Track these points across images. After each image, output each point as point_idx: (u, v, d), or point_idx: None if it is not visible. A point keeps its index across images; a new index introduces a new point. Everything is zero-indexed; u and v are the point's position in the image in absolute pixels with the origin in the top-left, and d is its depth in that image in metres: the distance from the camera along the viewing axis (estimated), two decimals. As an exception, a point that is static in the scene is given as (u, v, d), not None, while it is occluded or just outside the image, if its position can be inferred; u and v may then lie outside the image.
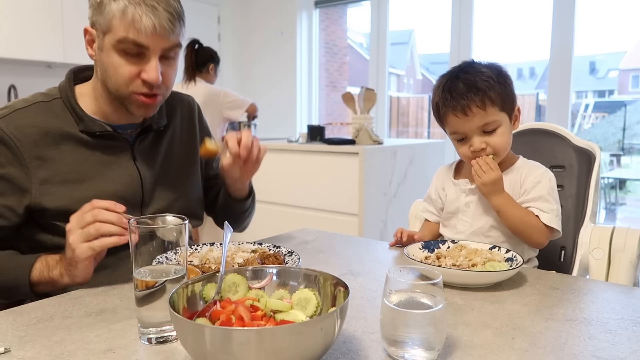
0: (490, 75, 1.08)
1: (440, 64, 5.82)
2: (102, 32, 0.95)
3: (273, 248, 1.02)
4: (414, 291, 0.64)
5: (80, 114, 1.01)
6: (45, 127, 0.99)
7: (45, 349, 0.66)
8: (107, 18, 0.93)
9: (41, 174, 0.96)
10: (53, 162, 0.98)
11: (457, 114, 1.08)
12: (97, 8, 0.95)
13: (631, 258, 1.15)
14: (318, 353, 0.57)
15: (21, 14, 3.15)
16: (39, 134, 0.97)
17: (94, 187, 1.00)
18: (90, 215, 0.83)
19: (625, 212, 5.10)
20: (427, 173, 2.92)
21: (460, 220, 1.17)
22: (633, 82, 6.46)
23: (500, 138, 1.10)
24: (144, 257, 0.68)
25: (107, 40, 0.95)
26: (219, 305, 0.64)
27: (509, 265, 0.94)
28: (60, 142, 0.99)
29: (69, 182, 0.99)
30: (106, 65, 0.98)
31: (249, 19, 4.50)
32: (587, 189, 1.29)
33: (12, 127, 0.96)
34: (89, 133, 1.01)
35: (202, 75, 3.14)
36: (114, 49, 0.95)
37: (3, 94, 3.35)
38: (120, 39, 0.93)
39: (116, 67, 0.96)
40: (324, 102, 4.59)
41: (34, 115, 0.99)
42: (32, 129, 0.97)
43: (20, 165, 0.95)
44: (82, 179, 1.00)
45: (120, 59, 0.96)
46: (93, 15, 0.97)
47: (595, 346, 0.67)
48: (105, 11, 0.93)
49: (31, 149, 0.96)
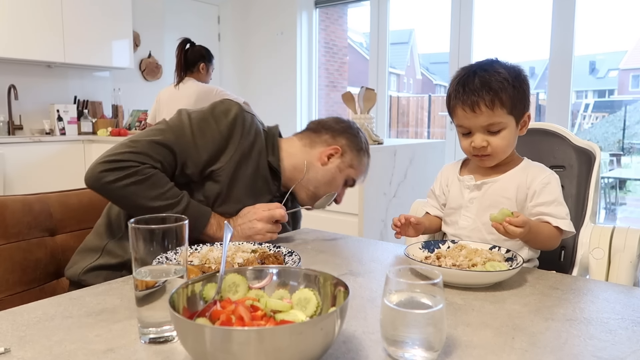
0: (506, 77, 1.07)
1: (440, 64, 5.82)
2: (349, 165, 1.32)
3: (273, 248, 1.02)
4: (414, 291, 0.64)
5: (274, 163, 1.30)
6: (253, 139, 1.26)
7: (45, 349, 0.66)
8: (360, 163, 1.34)
9: (230, 163, 1.21)
10: (239, 164, 1.23)
11: (466, 108, 1.08)
12: (355, 149, 1.33)
13: (631, 258, 1.15)
14: (318, 353, 0.57)
15: (21, 14, 3.15)
16: (251, 136, 1.25)
17: (247, 195, 1.25)
18: (280, 216, 1.18)
19: (625, 212, 5.09)
20: (427, 173, 2.92)
21: (463, 216, 1.17)
22: (633, 82, 6.45)
23: (502, 141, 1.10)
24: (144, 257, 0.68)
25: (348, 171, 1.32)
26: (219, 305, 0.64)
27: (509, 265, 0.94)
28: (248, 156, 1.24)
29: (236, 180, 1.23)
30: (334, 180, 1.31)
31: (249, 19, 4.50)
32: (587, 189, 1.29)
33: (248, 122, 1.24)
34: (268, 168, 1.30)
35: (193, 75, 3.12)
36: (345, 177, 1.33)
37: (3, 94, 3.35)
38: (354, 178, 1.35)
39: (337, 186, 1.33)
40: (324, 102, 4.59)
41: (256, 124, 1.28)
42: (251, 131, 1.25)
43: (226, 143, 1.20)
44: (243, 187, 1.25)
45: (341, 182, 1.34)
46: (349, 147, 1.32)
47: (595, 346, 0.67)
48: (358, 159, 1.33)
49: (239, 143, 1.22)
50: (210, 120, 1.20)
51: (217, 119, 1.21)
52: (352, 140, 1.32)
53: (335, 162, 1.30)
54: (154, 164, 1.12)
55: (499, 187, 1.13)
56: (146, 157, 1.11)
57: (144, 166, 1.10)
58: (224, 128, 1.20)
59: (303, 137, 1.35)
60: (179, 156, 1.16)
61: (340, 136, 1.32)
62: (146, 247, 0.68)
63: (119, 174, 1.08)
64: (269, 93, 4.38)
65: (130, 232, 0.68)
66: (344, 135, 1.32)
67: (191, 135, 1.17)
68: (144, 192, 1.10)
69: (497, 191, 1.13)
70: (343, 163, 1.31)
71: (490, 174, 1.15)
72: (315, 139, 1.33)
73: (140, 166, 1.10)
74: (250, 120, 1.25)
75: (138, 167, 1.09)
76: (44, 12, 3.24)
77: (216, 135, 1.19)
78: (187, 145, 1.17)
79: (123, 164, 1.08)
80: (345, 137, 1.32)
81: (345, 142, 1.31)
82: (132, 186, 1.08)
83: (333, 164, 1.30)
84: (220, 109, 1.23)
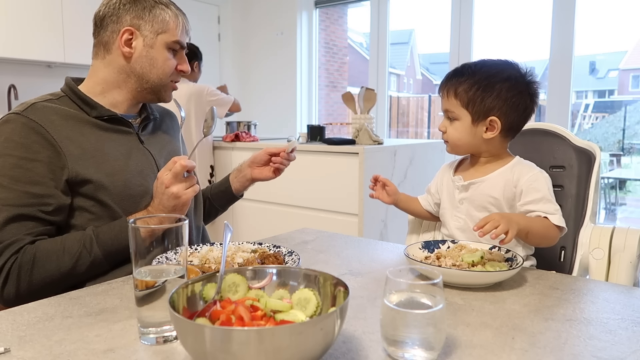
0: (476, 76, 1.12)
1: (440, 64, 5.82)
2: (155, 32, 1.13)
3: (273, 248, 1.02)
4: (414, 291, 0.64)
5: (91, 103, 1.12)
6: (63, 114, 1.08)
7: (45, 349, 0.66)
8: (163, 21, 1.14)
9: (72, 150, 1.04)
10: (79, 141, 1.06)
11: (439, 90, 1.20)
12: (147, 12, 1.13)
13: (631, 258, 1.15)
14: (318, 353, 0.57)
15: (21, 14, 3.15)
16: (60, 119, 1.07)
17: (119, 163, 1.10)
18: (181, 167, 1.00)
19: (625, 212, 5.09)
20: (427, 173, 2.92)
21: (454, 216, 1.18)
22: (633, 82, 6.45)
23: (454, 131, 1.15)
24: (144, 257, 0.68)
25: (161, 39, 1.14)
26: (219, 305, 0.64)
27: (509, 265, 0.94)
28: (80, 126, 1.09)
29: (96, 158, 1.07)
30: (155, 60, 1.14)
31: (249, 19, 4.50)
32: (587, 189, 1.29)
33: (36, 116, 1.04)
34: (101, 118, 1.12)
35: (186, 75, 3.06)
36: (166, 46, 1.15)
37: (3, 94, 3.35)
38: (175, 39, 1.15)
39: (165, 61, 1.15)
40: (324, 102, 4.59)
41: (50, 107, 1.09)
42: (54, 116, 1.06)
43: (52, 147, 1.02)
44: (107, 156, 1.09)
45: (169, 54, 1.16)
46: (138, 17, 1.12)
47: (595, 346, 0.67)
48: (161, 16, 1.14)
49: (59, 131, 1.04)
50: (9, 159, 1.00)
51: (12, 150, 1.00)
52: (135, 8, 1.12)
53: (139, 42, 1.12)
54: (19, 245, 0.97)
55: (486, 186, 1.13)
56: (8, 246, 0.96)
57: (15, 255, 0.96)
58: (25, 151, 1.00)
59: (94, 53, 1.17)
60: (34, 210, 0.99)
61: (121, 16, 1.12)
62: (146, 247, 0.68)
63: (11, 282, 0.96)
64: (269, 93, 4.38)
65: (130, 232, 0.68)
66: (123, 11, 1.12)
67: (18, 187, 0.98)
68: (44, 271, 0.97)
69: (484, 190, 1.13)
70: (147, 37, 1.12)
71: (478, 173, 1.16)
72: (103, 41, 1.14)
73: (14, 257, 0.96)
74: (25, 120, 1.03)
75: (15, 259, 0.96)
76: (44, 12, 3.24)
77: (31, 164, 1.00)
78: (25, 197, 0.99)
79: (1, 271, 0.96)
80: (125, 12, 1.12)
81: (129, 15, 1.12)
82: (31, 277, 0.97)
83: (139, 46, 1.12)
84: (4, 137, 1.02)
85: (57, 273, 0.98)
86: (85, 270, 1.00)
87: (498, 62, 1.15)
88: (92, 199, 1.05)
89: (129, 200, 1.08)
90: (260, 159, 1.38)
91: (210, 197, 1.46)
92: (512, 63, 1.14)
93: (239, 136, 3.24)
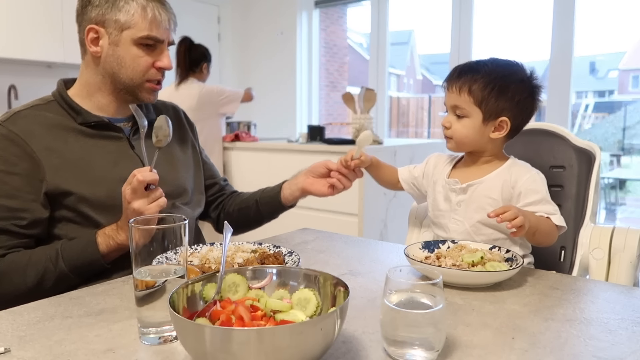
0: (492, 75, 1.09)
1: (440, 64, 5.82)
2: (120, 29, 1.05)
3: (273, 248, 1.02)
4: (414, 291, 0.64)
5: (77, 108, 1.09)
6: (47, 123, 1.05)
7: (45, 349, 0.66)
8: (127, 15, 1.04)
9: (52, 161, 1.02)
10: (61, 151, 1.03)
11: (446, 84, 1.16)
12: (109, 6, 1.04)
13: (631, 258, 1.15)
14: (318, 353, 0.57)
15: (21, 14, 3.15)
16: (42, 129, 1.04)
17: (103, 172, 1.06)
18: (137, 182, 0.92)
19: (625, 212, 5.09)
20: (427, 173, 2.92)
21: (453, 219, 1.17)
22: (633, 82, 6.45)
23: (462, 128, 1.13)
24: (144, 257, 0.68)
25: (126, 35, 1.05)
26: (219, 305, 0.64)
27: (509, 265, 0.94)
28: (64, 134, 1.06)
29: (78, 168, 1.04)
30: (122, 59, 1.06)
31: (249, 19, 4.50)
32: (587, 189, 1.29)
33: (16, 127, 1.02)
34: (87, 125, 1.08)
35: (196, 75, 3.03)
36: (134, 43, 1.06)
37: (3, 94, 3.35)
38: (143, 34, 1.05)
39: (134, 58, 1.07)
40: (324, 102, 4.59)
41: (34, 115, 1.06)
42: (35, 126, 1.04)
43: (30, 159, 1.00)
44: (91, 165, 1.06)
45: (139, 51, 1.06)
46: (102, 14, 1.04)
47: (595, 346, 0.67)
48: (124, 9, 1.03)
49: (38, 142, 1.02)
50: None
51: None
52: (100, 3, 1.04)
53: (104, 40, 1.06)
54: None
55: (484, 187, 1.13)
56: None
57: None
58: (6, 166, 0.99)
59: (82, 56, 1.13)
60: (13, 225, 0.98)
61: (87, 13, 1.06)
62: (146, 247, 0.68)
63: None
64: (269, 93, 4.38)
65: (129, 232, 0.68)
66: (90, 8, 1.05)
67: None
68: (11, 285, 0.97)
69: (482, 192, 1.13)
70: (111, 34, 1.05)
71: (475, 175, 1.15)
72: (80, 40, 1.09)
73: None
74: (5, 132, 1.01)
75: None
76: (44, 12, 3.24)
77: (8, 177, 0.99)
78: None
79: None
80: (92, 8, 1.05)
81: (94, 12, 1.04)
82: None
83: (105, 45, 1.06)
84: None
85: (24, 287, 0.96)
86: (52, 284, 0.97)
87: (510, 63, 1.14)
88: (73, 211, 1.03)
89: (112, 211, 1.02)
90: (318, 169, 1.25)
91: (258, 202, 1.33)
92: (520, 64, 1.14)
93: (239, 136, 3.24)
